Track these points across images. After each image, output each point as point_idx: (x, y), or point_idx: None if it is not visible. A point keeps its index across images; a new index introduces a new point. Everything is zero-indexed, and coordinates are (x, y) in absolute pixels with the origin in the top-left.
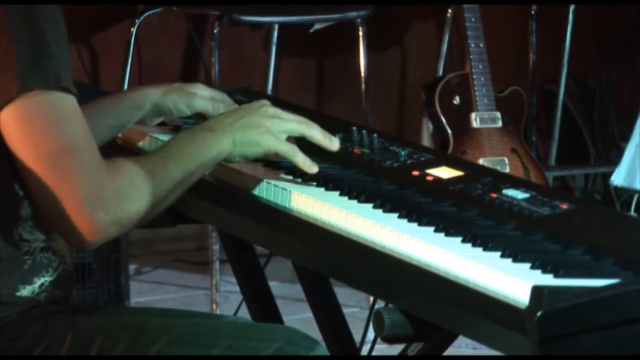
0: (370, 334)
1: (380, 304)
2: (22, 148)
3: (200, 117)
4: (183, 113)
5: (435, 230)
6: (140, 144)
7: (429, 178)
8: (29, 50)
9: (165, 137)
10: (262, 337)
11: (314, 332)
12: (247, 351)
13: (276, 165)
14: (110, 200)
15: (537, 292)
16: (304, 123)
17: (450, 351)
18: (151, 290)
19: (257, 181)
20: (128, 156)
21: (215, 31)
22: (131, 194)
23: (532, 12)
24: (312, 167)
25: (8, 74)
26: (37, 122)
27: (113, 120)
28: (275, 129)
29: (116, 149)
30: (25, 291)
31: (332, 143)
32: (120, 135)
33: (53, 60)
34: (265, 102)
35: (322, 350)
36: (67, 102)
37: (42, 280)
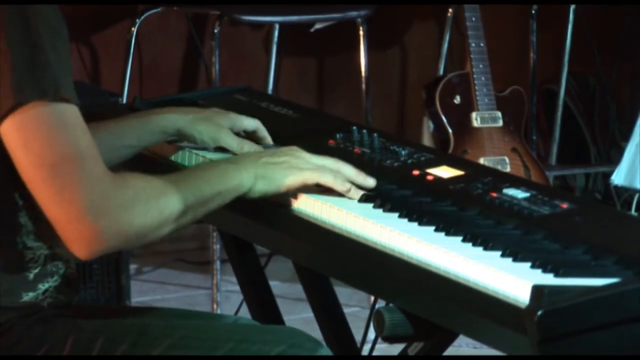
0: (371, 334)
1: (380, 303)
2: (23, 158)
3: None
4: (207, 145)
5: (436, 230)
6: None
7: (430, 177)
8: (25, 60)
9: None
10: (265, 340)
11: (315, 332)
12: (250, 354)
13: None
14: (113, 210)
15: (538, 291)
16: (328, 170)
17: (450, 350)
18: (152, 290)
19: None
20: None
21: (215, 31)
22: (136, 207)
23: (533, 12)
24: (344, 185)
25: (5, 85)
26: (38, 131)
27: (135, 141)
28: (298, 165)
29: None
30: (29, 297)
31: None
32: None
33: (50, 70)
34: (294, 147)
35: (325, 352)
36: (68, 111)
37: (47, 285)
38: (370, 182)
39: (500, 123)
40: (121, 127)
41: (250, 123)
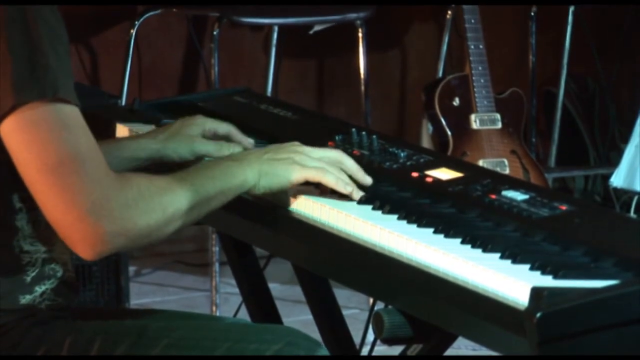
0: (370, 336)
1: (379, 305)
2: (25, 159)
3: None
4: (187, 159)
5: (435, 232)
6: None
7: (429, 179)
8: (25, 61)
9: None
10: (262, 339)
11: (314, 334)
12: (247, 353)
13: None
14: (115, 210)
15: (537, 293)
16: (331, 164)
17: (449, 352)
18: (151, 292)
19: None
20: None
21: (215, 33)
22: (139, 206)
23: (532, 13)
24: (346, 187)
25: (4, 86)
26: (39, 132)
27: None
28: (302, 161)
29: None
30: (26, 299)
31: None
32: None
33: (50, 72)
34: (296, 142)
35: (323, 351)
36: (68, 111)
37: (44, 288)
38: (368, 180)
39: (500, 125)
40: None
41: (222, 127)
